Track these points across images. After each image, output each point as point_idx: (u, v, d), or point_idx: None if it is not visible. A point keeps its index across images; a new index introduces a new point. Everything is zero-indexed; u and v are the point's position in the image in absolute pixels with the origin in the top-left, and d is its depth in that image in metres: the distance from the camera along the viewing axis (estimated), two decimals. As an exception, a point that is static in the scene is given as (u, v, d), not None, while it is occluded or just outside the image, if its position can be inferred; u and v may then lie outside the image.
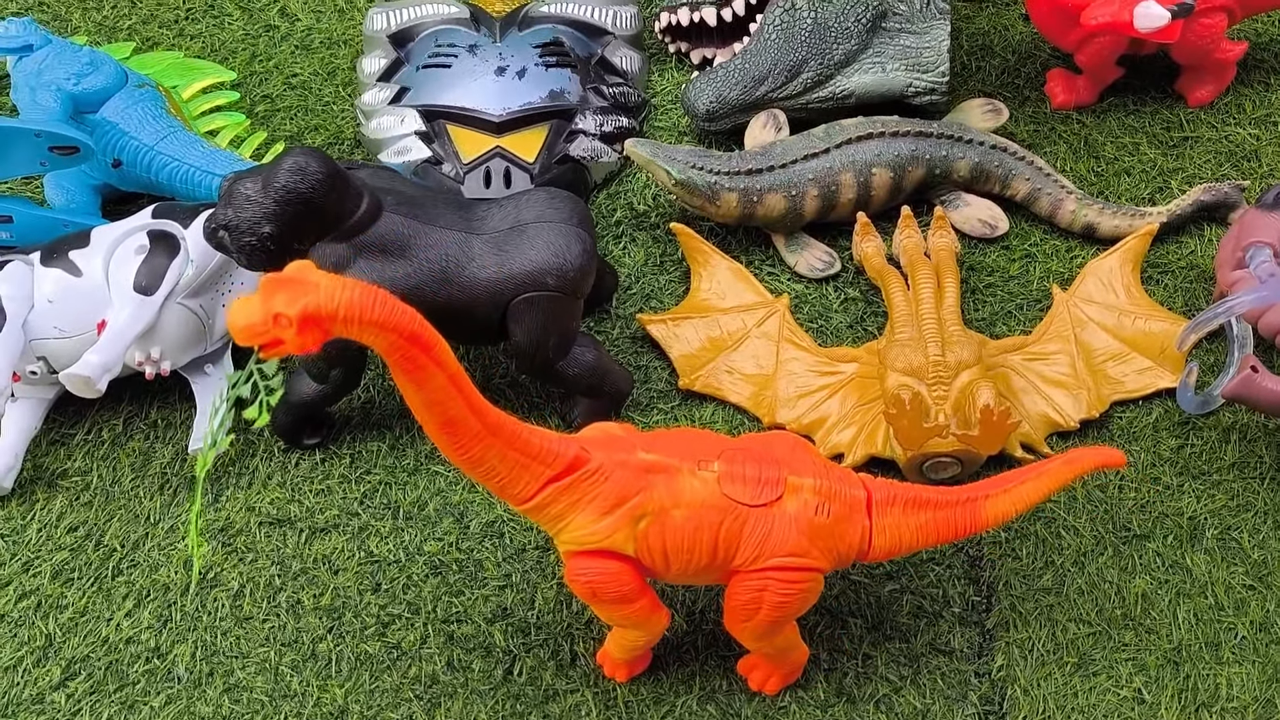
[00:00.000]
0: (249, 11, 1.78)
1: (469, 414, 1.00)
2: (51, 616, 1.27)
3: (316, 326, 0.89)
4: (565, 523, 1.07)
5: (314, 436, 1.37)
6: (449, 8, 1.61)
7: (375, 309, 0.91)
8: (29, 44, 1.57)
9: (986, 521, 1.11)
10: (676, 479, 1.07)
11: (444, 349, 0.97)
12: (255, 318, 0.88)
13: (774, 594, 1.09)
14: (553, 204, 1.27)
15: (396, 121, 1.53)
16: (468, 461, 1.03)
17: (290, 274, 0.90)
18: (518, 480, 1.05)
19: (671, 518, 1.07)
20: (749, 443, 1.11)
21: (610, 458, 1.07)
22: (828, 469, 1.10)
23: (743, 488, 1.07)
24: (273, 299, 0.89)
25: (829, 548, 1.09)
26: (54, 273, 1.34)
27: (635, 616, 1.13)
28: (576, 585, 1.10)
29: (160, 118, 1.52)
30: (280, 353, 0.90)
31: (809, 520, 1.07)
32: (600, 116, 1.55)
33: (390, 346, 0.94)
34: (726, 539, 1.07)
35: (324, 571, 1.30)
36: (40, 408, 1.37)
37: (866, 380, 1.34)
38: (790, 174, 1.45)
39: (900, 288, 1.37)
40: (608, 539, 1.07)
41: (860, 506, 1.10)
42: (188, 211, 1.38)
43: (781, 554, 1.07)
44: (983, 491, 1.11)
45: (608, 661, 1.21)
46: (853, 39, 1.52)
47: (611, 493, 1.06)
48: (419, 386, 0.97)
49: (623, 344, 1.45)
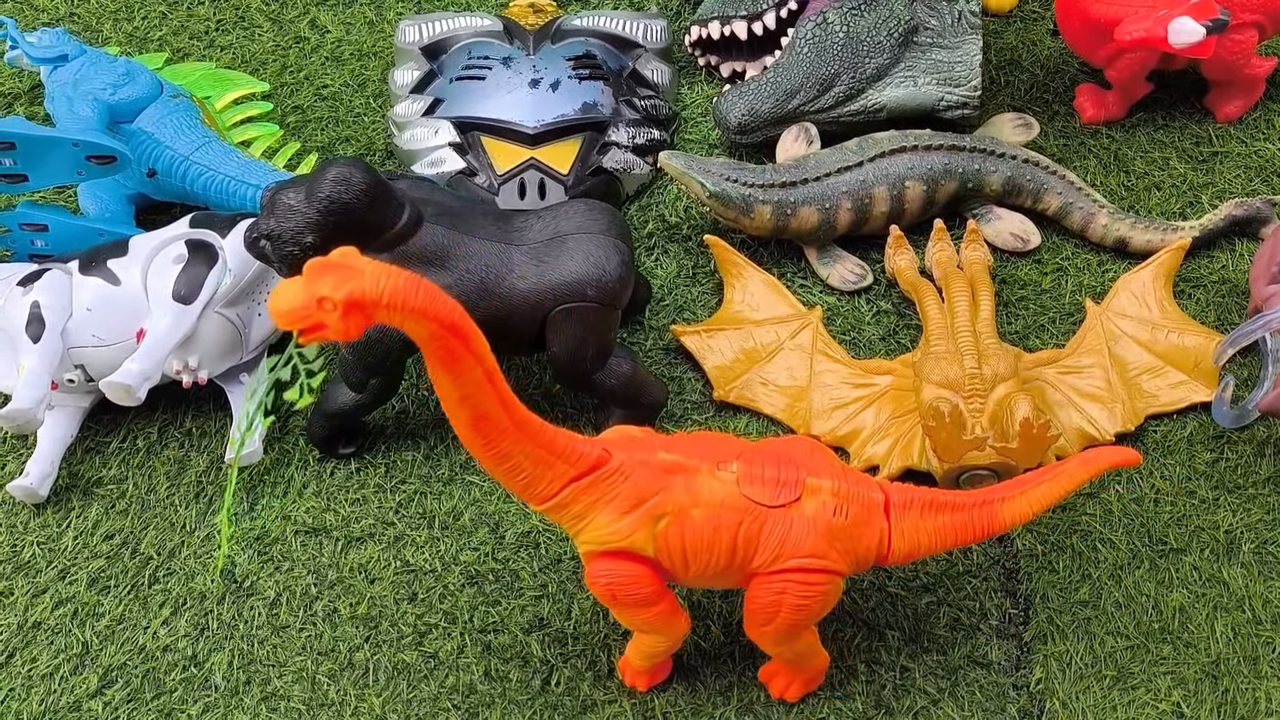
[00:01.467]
0: (279, 23, 1.79)
1: (500, 410, 1.01)
2: (88, 624, 1.28)
3: (360, 312, 0.89)
4: (586, 522, 1.08)
5: (349, 446, 1.37)
6: (482, 20, 1.62)
7: (418, 296, 0.92)
8: (64, 54, 1.58)
9: (1004, 523, 1.12)
10: (696, 479, 1.07)
11: (482, 342, 0.98)
12: (299, 301, 0.88)
13: (793, 596, 1.09)
14: (591, 215, 1.28)
15: (430, 133, 1.54)
16: (495, 457, 1.03)
17: (335, 259, 0.91)
18: (541, 478, 1.05)
19: (691, 518, 1.07)
20: (767, 445, 1.12)
21: (630, 457, 1.07)
22: (845, 472, 1.11)
23: (761, 488, 1.08)
24: (318, 283, 0.89)
25: (847, 550, 1.09)
26: (92, 281, 1.34)
27: (655, 621, 1.13)
28: (597, 587, 1.10)
29: (195, 128, 1.53)
30: (321, 337, 0.90)
31: (827, 522, 1.08)
32: (632, 129, 1.56)
33: (430, 335, 0.94)
34: (745, 540, 1.08)
35: (360, 581, 1.30)
36: (77, 416, 1.38)
37: (901, 393, 1.35)
38: (823, 187, 1.45)
39: (935, 300, 1.37)
40: (628, 539, 1.07)
41: (878, 509, 1.10)
42: (225, 221, 1.38)
43: (800, 555, 1.08)
44: (1000, 494, 1.12)
45: (628, 670, 1.21)
46: (884, 53, 1.53)
47: (631, 492, 1.07)
48: (455, 379, 0.98)
49: (656, 355, 1.45)
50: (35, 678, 1.24)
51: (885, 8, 1.53)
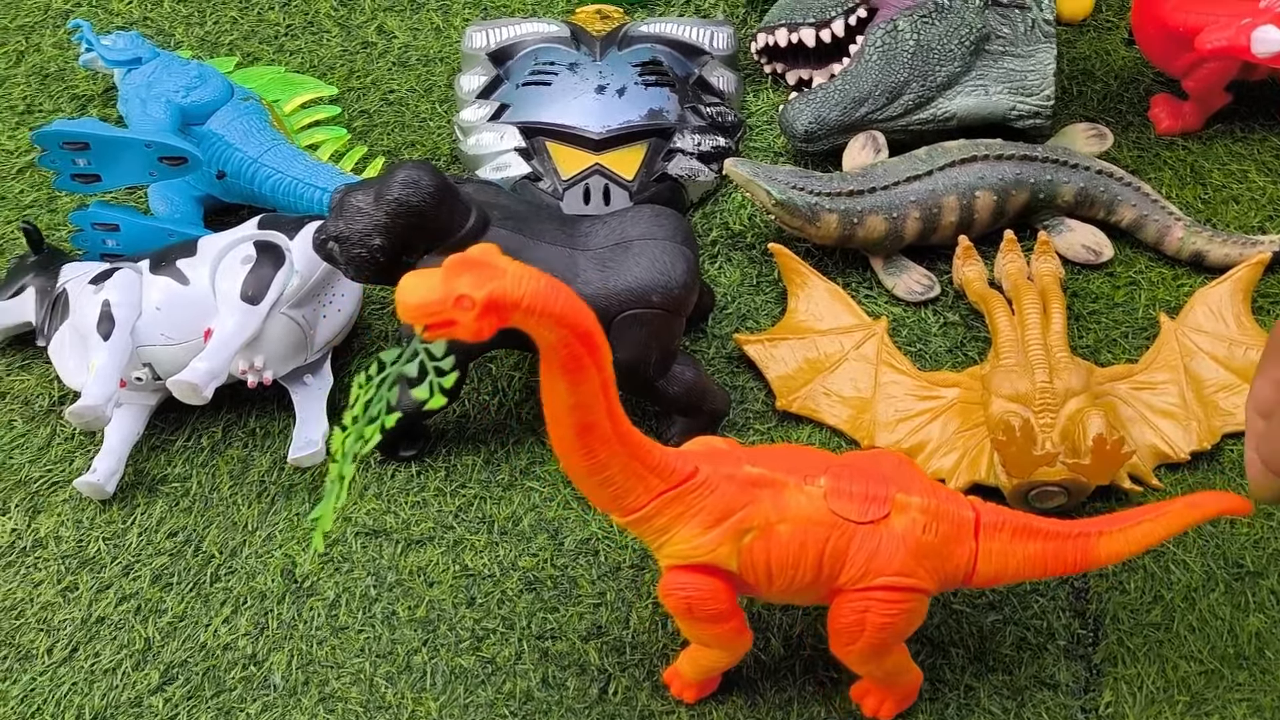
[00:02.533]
0: (347, 28, 1.81)
1: (606, 420, 0.99)
2: (151, 621, 1.29)
3: (497, 312, 0.87)
4: (669, 535, 1.06)
5: (410, 449, 1.37)
6: (549, 26, 1.62)
7: (559, 302, 0.90)
8: (138, 57, 1.61)
9: (1098, 559, 1.08)
10: (783, 493, 1.05)
11: (606, 352, 0.96)
12: (434, 296, 0.85)
13: (877, 615, 1.07)
14: (657, 221, 1.27)
15: (496, 138, 1.54)
16: (590, 467, 1.02)
17: (477, 256, 0.88)
18: (632, 491, 1.04)
19: (777, 532, 1.05)
20: (855, 459, 1.10)
21: (716, 471, 1.05)
22: (935, 488, 1.08)
23: (850, 504, 1.05)
24: (458, 279, 0.86)
25: (935, 568, 1.07)
26: (162, 280, 1.36)
27: (724, 637, 1.11)
28: (672, 600, 1.09)
29: (264, 131, 1.54)
30: (449, 335, 0.87)
31: (916, 539, 1.05)
32: (698, 136, 1.55)
33: (561, 341, 0.92)
34: (832, 556, 1.05)
35: (419, 584, 1.30)
36: (143, 414, 1.39)
37: (969, 405, 1.32)
38: (892, 196, 1.43)
39: (1005, 312, 1.34)
40: (712, 553, 1.06)
41: (968, 528, 1.07)
42: (293, 223, 1.39)
43: (888, 573, 1.05)
44: (1097, 527, 1.08)
45: (677, 680, 1.19)
46: (955, 61, 1.50)
47: (717, 506, 1.05)
48: (574, 386, 0.95)
49: (719, 363, 1.44)
50: (98, 672, 1.26)
51: (957, 16, 1.51)
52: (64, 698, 1.24)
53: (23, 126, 1.70)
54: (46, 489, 1.38)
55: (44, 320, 1.41)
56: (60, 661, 1.26)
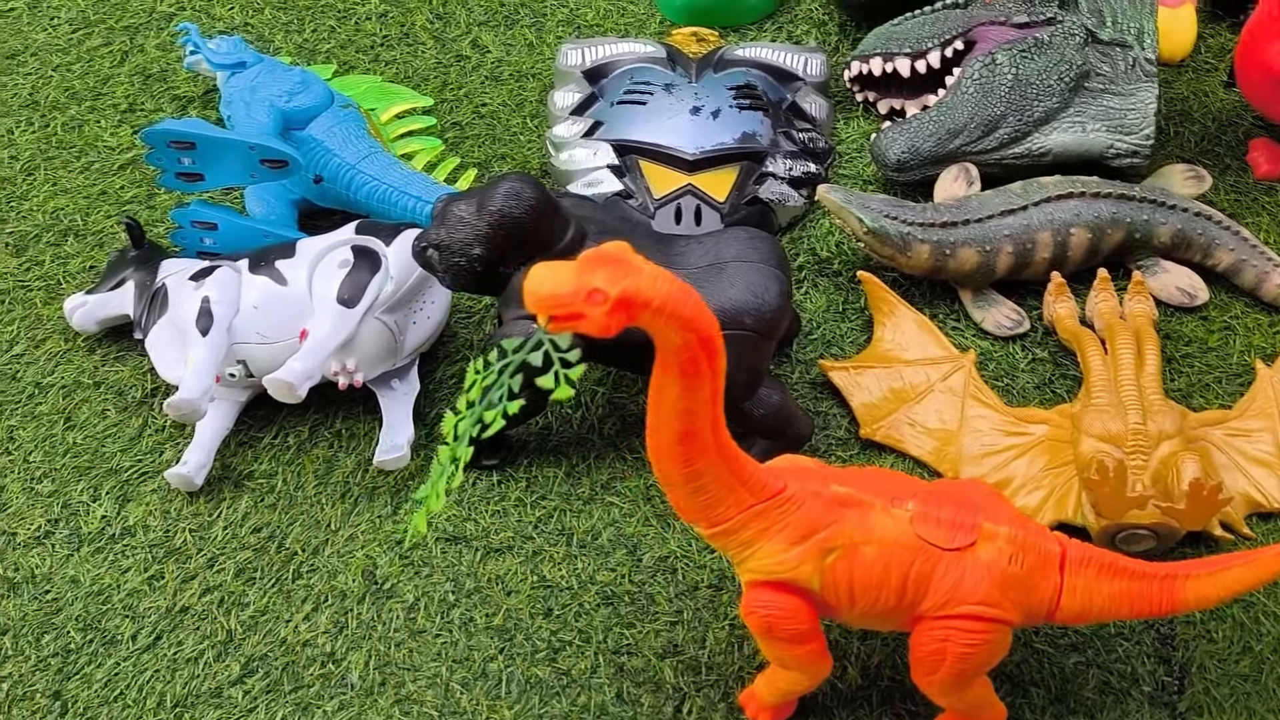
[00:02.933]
0: (442, 41, 1.83)
1: (709, 429, 0.99)
2: (233, 613, 1.31)
3: (628, 310, 0.87)
4: (753, 550, 1.06)
5: (493, 457, 1.38)
6: (646, 46, 1.64)
7: (689, 305, 0.90)
8: (242, 61, 1.65)
9: (1185, 603, 1.07)
10: (869, 515, 1.05)
11: (723, 361, 0.96)
12: (566, 288, 0.86)
13: (958, 644, 1.05)
14: (752, 244, 1.28)
15: (589, 154, 1.56)
16: (686, 475, 1.02)
17: (612, 252, 0.88)
18: (722, 502, 1.04)
19: (862, 554, 1.04)
20: (944, 486, 1.09)
21: (803, 488, 1.05)
22: (1023, 520, 1.07)
23: (937, 530, 1.05)
24: (592, 274, 0.86)
25: (1020, 600, 1.05)
26: (261, 280, 1.38)
27: (803, 659, 1.10)
28: (753, 618, 1.08)
29: (362, 138, 1.57)
30: (573, 328, 0.87)
31: (1002, 570, 1.04)
32: (789, 161, 1.55)
33: (684, 345, 0.92)
34: (916, 581, 1.05)
35: (497, 592, 1.31)
36: (233, 410, 1.42)
37: (1057, 444, 1.31)
38: (986, 229, 1.43)
39: (1098, 351, 1.33)
40: (794, 570, 1.05)
41: (1054, 561, 1.06)
42: (389, 230, 1.42)
43: (972, 601, 1.04)
44: (1185, 571, 1.07)
45: (753, 703, 1.18)
46: (1054, 97, 1.50)
47: (803, 523, 1.04)
48: (687, 392, 0.96)
49: (802, 388, 1.44)
50: (180, 661, 1.28)
51: (1057, 52, 1.50)
52: (146, 684, 1.26)
53: (125, 124, 1.75)
54: (136, 479, 1.41)
55: (142, 314, 1.45)
56: (144, 648, 1.28)
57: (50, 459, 1.42)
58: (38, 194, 1.67)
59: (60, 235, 1.62)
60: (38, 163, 1.70)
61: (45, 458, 1.42)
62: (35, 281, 1.58)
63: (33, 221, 1.64)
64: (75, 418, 1.46)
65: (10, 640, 1.29)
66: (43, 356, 1.51)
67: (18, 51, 1.84)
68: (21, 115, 1.76)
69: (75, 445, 1.43)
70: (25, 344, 1.52)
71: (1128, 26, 1.52)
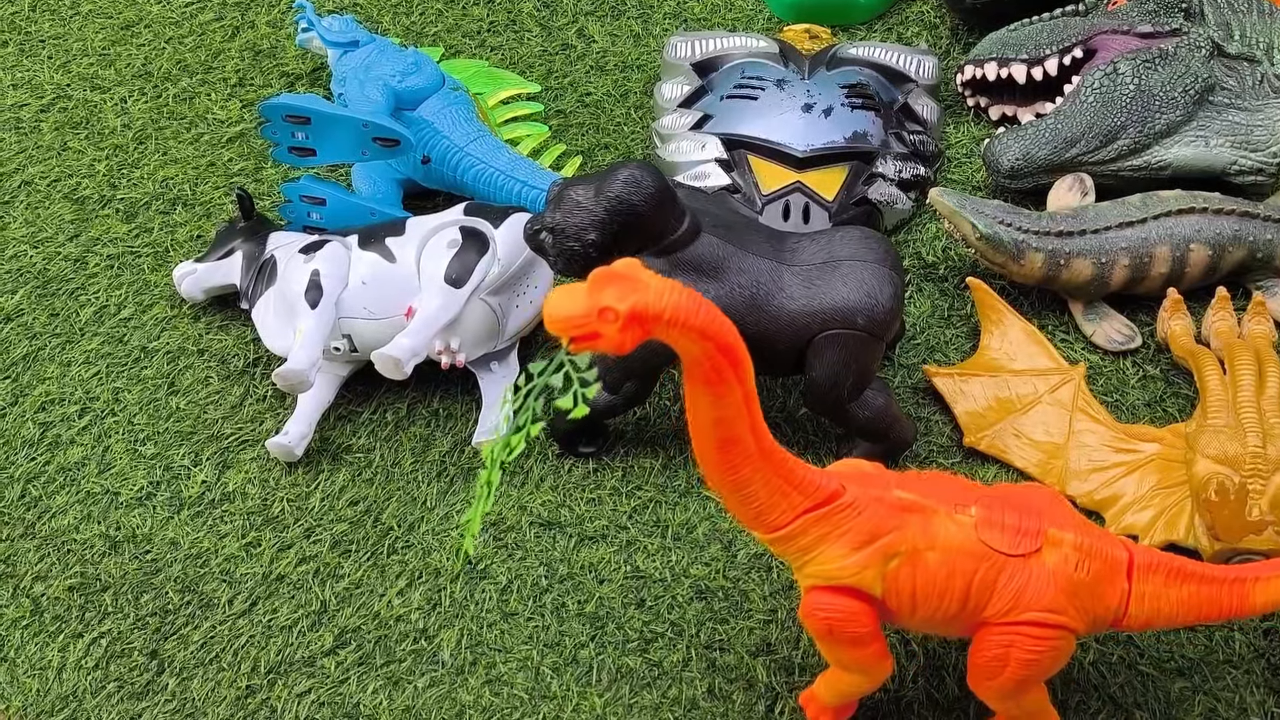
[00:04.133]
0: (548, 29, 1.84)
1: (750, 436, 0.99)
2: (328, 585, 1.32)
3: (640, 325, 0.89)
4: (813, 555, 1.05)
5: (590, 446, 1.38)
6: (758, 42, 1.63)
7: (700, 315, 0.91)
8: (355, 40, 1.66)
9: (1255, 607, 1.05)
10: (932, 520, 1.04)
11: (748, 366, 0.97)
12: (579, 309, 0.88)
13: (1022, 650, 1.04)
14: (867, 244, 1.26)
15: (697, 147, 1.55)
16: (734, 483, 1.01)
17: (620, 270, 0.90)
18: (775, 507, 1.03)
19: (925, 559, 1.03)
20: (1008, 491, 1.08)
21: (865, 493, 1.04)
22: (1088, 525, 1.06)
23: (1001, 535, 1.03)
24: (602, 293, 0.88)
25: (1086, 608, 1.04)
26: (370, 256, 1.39)
27: (864, 661, 1.09)
28: (813, 620, 1.07)
29: (471, 121, 1.58)
30: (593, 347, 0.89)
31: (1068, 576, 1.03)
32: (899, 163, 1.53)
33: (703, 354, 0.93)
34: (980, 587, 1.03)
35: (590, 579, 1.30)
36: (335, 383, 1.43)
37: (1169, 463, 1.28)
38: (1102, 240, 1.40)
39: (1216, 371, 1.30)
40: (856, 575, 1.04)
41: (1121, 568, 1.04)
42: (498, 213, 1.42)
43: (1037, 608, 1.03)
44: (1255, 573, 1.05)
45: (813, 704, 1.17)
46: (1177, 109, 1.46)
47: (865, 528, 1.03)
48: (715, 400, 0.96)
49: (904, 393, 1.42)
50: (275, 628, 1.29)
51: (1182, 63, 1.47)
52: (241, 649, 1.27)
53: (234, 98, 1.77)
54: (237, 446, 1.42)
55: (249, 284, 1.46)
56: (240, 613, 1.30)
57: (154, 422, 1.44)
58: (149, 162, 1.70)
59: (169, 204, 1.65)
60: (149, 132, 1.73)
61: (149, 421, 1.45)
62: (144, 248, 1.61)
63: (143, 189, 1.67)
64: (179, 383, 1.48)
65: (110, 597, 1.31)
66: (149, 321, 1.53)
67: (133, 23, 1.87)
68: (134, 85, 1.79)
69: (178, 410, 1.45)
70: (133, 309, 1.55)
71: (1256, 41, 1.49)
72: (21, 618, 1.30)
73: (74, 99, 1.77)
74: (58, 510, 1.38)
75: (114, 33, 1.85)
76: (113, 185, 1.67)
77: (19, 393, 1.47)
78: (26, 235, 1.62)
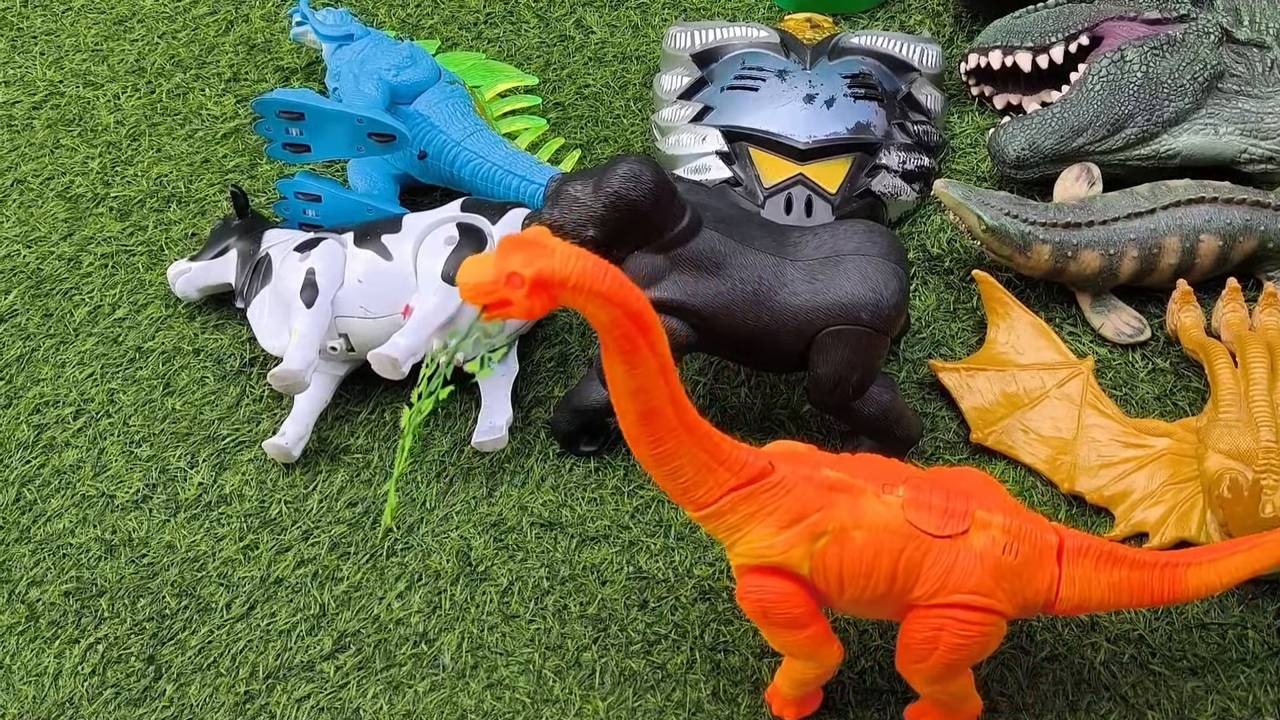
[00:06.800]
0: (546, 21, 1.81)
1: (669, 407, 0.98)
2: (327, 588, 1.30)
3: (546, 291, 0.89)
4: (741, 534, 1.04)
5: (591, 445, 1.36)
6: (759, 31, 1.60)
7: (605, 281, 0.91)
8: (350, 34, 1.64)
9: (1188, 591, 1.04)
10: (860, 500, 1.03)
11: (660, 335, 0.96)
12: (488, 276, 0.88)
13: (951, 634, 1.03)
14: (871, 237, 1.24)
15: (697, 140, 1.53)
16: (658, 457, 1.01)
17: (528, 236, 0.90)
18: (702, 484, 1.02)
19: (851, 539, 1.03)
20: (937, 474, 1.07)
21: (793, 471, 1.03)
22: (1017, 508, 1.05)
23: (928, 516, 1.02)
24: (508, 259, 0.89)
25: (1014, 590, 1.03)
26: (366, 254, 1.37)
27: (806, 644, 1.08)
28: (747, 602, 1.06)
29: (468, 115, 1.55)
30: (504, 315, 0.90)
31: (995, 559, 1.02)
32: (903, 153, 1.51)
33: (612, 322, 0.93)
34: (907, 568, 1.02)
35: (592, 580, 1.29)
36: (332, 383, 1.41)
37: (1180, 458, 1.26)
38: (1110, 231, 1.38)
39: (1227, 364, 1.28)
40: (783, 554, 1.03)
41: (1050, 552, 1.04)
42: (495, 208, 1.40)
43: (964, 590, 1.02)
44: (1188, 559, 1.04)
45: (776, 699, 1.16)
46: (1186, 97, 1.44)
47: (792, 507, 1.03)
48: (630, 369, 0.96)
49: (909, 389, 1.40)
50: (273, 632, 1.27)
51: (1190, 50, 1.45)
52: (239, 653, 1.26)
53: (228, 94, 1.75)
54: (233, 447, 1.41)
55: (245, 283, 1.44)
56: (238, 618, 1.28)
57: (149, 424, 1.43)
58: (142, 159, 1.67)
59: (163, 201, 1.63)
60: (143, 129, 1.71)
61: (144, 422, 1.43)
62: (138, 246, 1.59)
63: (137, 187, 1.65)
64: (174, 384, 1.46)
65: (106, 602, 1.29)
66: (144, 321, 1.51)
67: (125, 17, 1.85)
68: (128, 81, 1.77)
69: (174, 411, 1.44)
70: (127, 308, 1.53)
71: (1266, 26, 1.46)
72: (17, 624, 1.28)
73: (66, 95, 1.75)
74: (53, 514, 1.36)
75: (106, 28, 1.83)
76: (106, 183, 1.65)
77: (13, 394, 1.46)
78: (19, 234, 1.60)
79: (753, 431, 1.37)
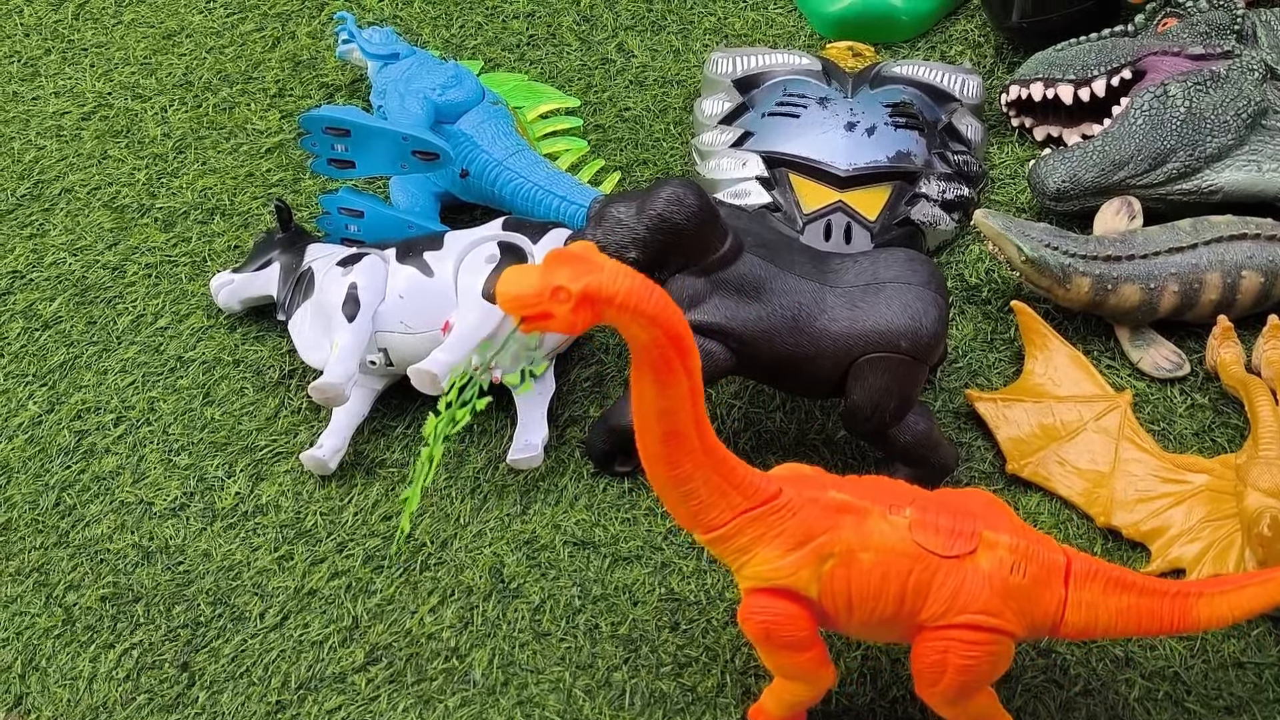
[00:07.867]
0: (588, 44, 1.83)
1: (693, 429, 0.99)
2: (360, 600, 1.31)
3: (592, 307, 0.89)
4: (749, 556, 1.04)
5: (626, 465, 1.37)
6: (801, 59, 1.61)
7: (651, 301, 0.91)
8: (395, 52, 1.66)
9: (1198, 622, 1.03)
10: (866, 521, 1.03)
11: (696, 358, 0.97)
12: (532, 287, 0.88)
13: (958, 655, 1.03)
14: (912, 266, 1.24)
15: (738, 164, 1.54)
16: (675, 479, 1.01)
17: (576, 250, 0.91)
18: (714, 506, 1.03)
19: (859, 561, 1.02)
20: (944, 495, 1.07)
21: (800, 494, 1.04)
22: (1025, 529, 1.05)
23: (935, 537, 1.02)
24: (556, 272, 0.88)
25: (1022, 611, 1.02)
26: (407, 270, 1.39)
27: (803, 667, 1.08)
28: (750, 624, 1.06)
29: (510, 135, 1.57)
30: (544, 327, 0.90)
31: (1003, 579, 1.02)
32: (943, 183, 1.51)
33: (652, 342, 0.93)
34: (915, 589, 1.02)
35: (624, 600, 1.29)
36: (370, 397, 1.42)
37: (1219, 495, 1.25)
38: (1151, 265, 1.37)
39: (1268, 401, 1.27)
40: (791, 576, 1.03)
41: (1058, 573, 1.03)
42: (536, 227, 1.41)
43: (972, 611, 1.02)
44: (1199, 589, 1.03)
45: (761, 717, 1.16)
46: (1229, 133, 1.44)
47: (799, 529, 1.03)
48: (662, 390, 0.96)
49: (945, 418, 1.40)
50: (306, 643, 1.28)
51: (1234, 86, 1.45)
52: (272, 663, 1.27)
53: (273, 109, 1.78)
54: (270, 458, 1.42)
55: (286, 296, 1.46)
56: (271, 627, 1.29)
57: (188, 433, 1.44)
58: (187, 172, 1.70)
59: (208, 214, 1.65)
60: (189, 141, 1.73)
61: (184, 431, 1.44)
62: (182, 257, 1.61)
63: (182, 199, 1.67)
64: (214, 394, 1.47)
65: (142, 608, 1.31)
66: (185, 331, 1.53)
67: (174, 32, 1.88)
68: (175, 94, 1.79)
69: (213, 421, 1.45)
70: (169, 318, 1.55)
71: (1311, 64, 1.46)
72: (53, 627, 1.30)
73: (115, 107, 1.78)
74: (91, 519, 1.37)
75: (156, 42, 1.86)
76: (152, 194, 1.68)
77: (55, 400, 1.48)
78: (66, 243, 1.63)
79: (787, 456, 1.37)
